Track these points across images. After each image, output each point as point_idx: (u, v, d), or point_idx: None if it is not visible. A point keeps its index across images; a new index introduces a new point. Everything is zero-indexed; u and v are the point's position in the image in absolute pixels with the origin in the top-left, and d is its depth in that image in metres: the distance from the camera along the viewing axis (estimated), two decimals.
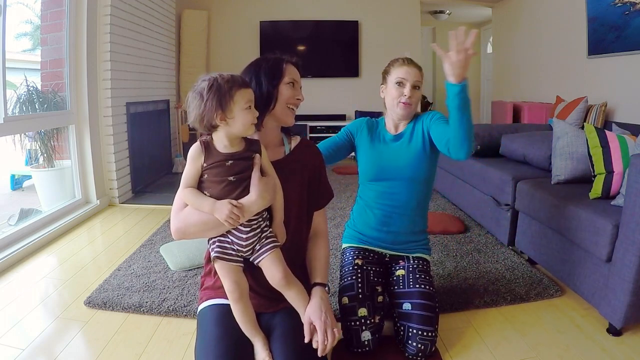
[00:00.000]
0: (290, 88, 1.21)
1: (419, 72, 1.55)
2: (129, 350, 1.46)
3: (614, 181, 1.72)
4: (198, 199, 1.07)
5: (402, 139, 1.59)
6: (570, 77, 4.03)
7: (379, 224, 1.58)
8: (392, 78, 1.55)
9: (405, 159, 1.55)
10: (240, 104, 1.03)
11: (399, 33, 5.54)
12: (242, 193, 1.08)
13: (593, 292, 1.60)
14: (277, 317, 1.21)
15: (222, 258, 1.09)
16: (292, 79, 1.21)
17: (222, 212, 1.04)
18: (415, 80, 1.53)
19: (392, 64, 1.58)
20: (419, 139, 1.56)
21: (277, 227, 1.15)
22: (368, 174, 1.60)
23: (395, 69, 1.55)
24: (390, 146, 1.59)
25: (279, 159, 1.24)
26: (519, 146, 2.47)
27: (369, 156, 1.60)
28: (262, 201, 1.08)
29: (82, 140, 3.03)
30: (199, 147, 1.08)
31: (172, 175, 4.25)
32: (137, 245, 2.40)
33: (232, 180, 1.07)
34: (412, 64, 1.56)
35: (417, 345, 1.34)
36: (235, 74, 1.07)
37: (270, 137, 1.25)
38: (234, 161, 1.07)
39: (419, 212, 1.60)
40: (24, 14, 3.03)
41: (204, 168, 1.07)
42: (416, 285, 1.45)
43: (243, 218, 1.06)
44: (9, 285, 1.93)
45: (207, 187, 1.08)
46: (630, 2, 3.12)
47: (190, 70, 4.91)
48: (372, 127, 1.65)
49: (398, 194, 1.55)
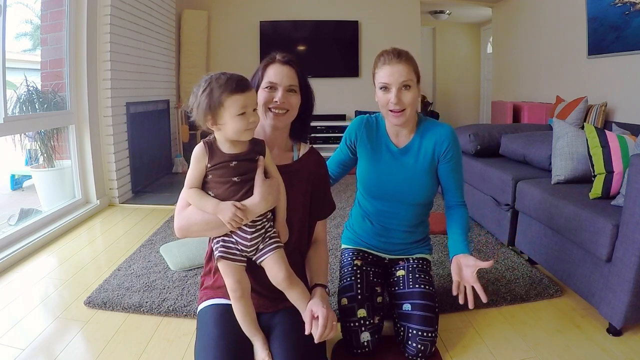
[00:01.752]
0: (267, 92, 1.18)
1: (407, 69, 1.31)
2: (129, 350, 1.46)
3: (614, 181, 1.72)
4: (202, 199, 1.06)
5: (407, 157, 1.45)
6: (570, 77, 4.02)
7: (377, 235, 1.56)
8: (377, 82, 1.36)
9: (409, 183, 1.44)
10: (230, 111, 1.01)
11: (399, 33, 5.54)
12: (247, 194, 1.07)
13: (593, 292, 1.60)
14: (277, 317, 1.22)
15: (226, 258, 1.09)
16: (268, 82, 1.19)
17: (225, 213, 1.04)
18: (403, 80, 1.30)
19: (376, 65, 1.36)
20: (426, 163, 1.43)
21: (280, 226, 1.15)
22: (367, 190, 1.52)
23: (379, 71, 1.34)
24: (394, 163, 1.46)
25: (286, 164, 1.24)
26: (519, 146, 2.47)
27: (369, 168, 1.48)
28: (266, 204, 1.08)
29: (82, 140, 3.03)
30: (203, 148, 1.07)
31: (172, 175, 4.25)
32: (137, 245, 2.40)
33: (237, 180, 1.07)
34: (397, 59, 1.31)
35: (417, 346, 1.33)
36: (236, 75, 1.04)
37: (278, 141, 1.25)
38: (238, 162, 1.07)
39: (420, 225, 1.57)
40: (24, 14, 3.03)
41: (208, 169, 1.07)
42: (416, 286, 1.45)
43: (246, 220, 1.06)
44: (9, 285, 1.93)
45: (211, 187, 1.08)
46: (630, 2, 3.12)
47: (190, 70, 4.90)
48: (372, 129, 1.49)
49: (397, 214, 1.50)
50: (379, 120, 1.51)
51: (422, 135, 1.45)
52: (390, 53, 1.34)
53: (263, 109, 1.18)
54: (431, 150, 1.44)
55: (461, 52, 7.58)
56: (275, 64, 1.20)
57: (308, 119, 1.30)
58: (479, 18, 6.98)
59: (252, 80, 1.20)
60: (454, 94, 7.62)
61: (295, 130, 1.28)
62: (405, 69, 1.31)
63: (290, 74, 1.20)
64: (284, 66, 1.20)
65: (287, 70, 1.20)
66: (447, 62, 7.55)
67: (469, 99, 7.62)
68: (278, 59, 1.21)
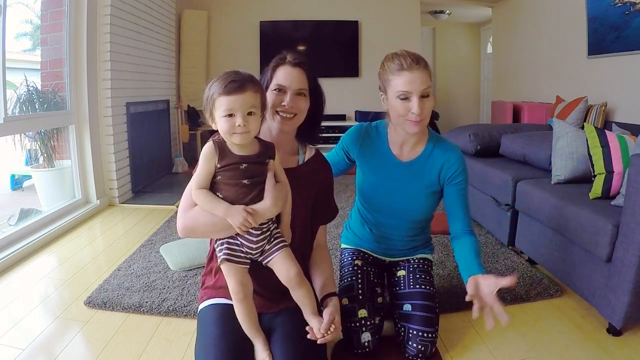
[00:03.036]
0: (274, 95, 1.16)
1: (425, 75, 1.21)
2: (129, 350, 1.46)
3: (614, 181, 1.72)
4: (212, 202, 1.04)
5: (410, 173, 1.38)
6: (570, 77, 4.02)
7: (376, 241, 1.55)
8: (392, 90, 1.24)
9: (409, 201, 1.39)
10: (219, 111, 1.01)
11: (399, 33, 5.54)
12: (256, 197, 1.06)
13: (593, 292, 1.60)
14: (278, 318, 1.22)
15: (231, 260, 1.08)
16: (277, 84, 1.17)
17: (236, 218, 1.02)
18: (424, 88, 1.20)
19: (389, 70, 1.25)
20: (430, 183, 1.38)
21: (284, 230, 1.15)
22: (366, 201, 1.49)
23: (395, 77, 1.23)
24: (394, 177, 1.39)
25: (292, 167, 1.23)
26: (519, 146, 2.47)
27: (368, 180, 1.44)
28: (276, 209, 1.07)
29: (82, 140, 3.03)
30: (213, 148, 1.04)
31: (172, 175, 4.25)
32: (137, 245, 2.40)
33: (246, 183, 1.05)
34: (417, 65, 1.21)
35: (418, 347, 1.33)
36: (235, 76, 1.02)
37: (284, 143, 1.23)
38: (248, 165, 1.05)
39: (421, 233, 1.55)
40: (24, 14, 3.03)
41: (217, 169, 1.05)
42: (417, 286, 1.45)
43: (255, 224, 1.05)
44: (9, 285, 1.93)
45: (220, 188, 1.06)
46: (630, 2, 3.12)
47: (190, 70, 4.90)
48: (372, 139, 1.42)
49: (397, 226, 1.48)
50: (380, 129, 1.44)
51: (430, 153, 1.37)
52: (408, 57, 1.22)
53: (271, 112, 1.16)
54: (437, 172, 1.37)
55: (461, 52, 7.57)
56: (286, 66, 1.18)
57: (317, 122, 1.27)
58: (479, 18, 6.98)
59: (261, 80, 1.17)
60: (454, 94, 7.62)
61: (303, 133, 1.26)
62: (425, 76, 1.21)
63: (300, 77, 1.18)
64: (294, 68, 1.18)
65: (296, 73, 1.18)
66: (447, 62, 7.54)
67: (469, 99, 7.61)
68: (289, 60, 1.19)
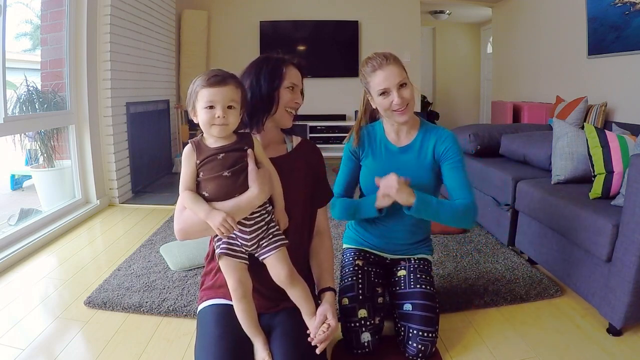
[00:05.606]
0: (289, 92, 1.21)
1: (397, 68, 1.34)
2: (129, 350, 1.46)
3: (614, 181, 1.72)
4: (195, 204, 1.06)
5: (408, 155, 1.46)
6: (570, 77, 4.03)
7: (378, 235, 1.56)
8: (373, 90, 1.37)
9: (412, 182, 1.38)
10: (200, 103, 1.05)
11: (399, 33, 5.54)
12: (242, 188, 1.08)
13: (593, 292, 1.60)
14: (278, 317, 1.22)
15: (228, 254, 1.09)
16: (291, 82, 1.21)
17: (215, 220, 1.04)
18: (399, 80, 1.33)
19: (365, 73, 1.38)
20: (427, 161, 1.44)
21: (279, 214, 1.16)
22: (369, 190, 1.51)
23: (372, 78, 1.35)
24: (394, 162, 1.46)
25: (282, 155, 1.25)
26: (519, 146, 2.47)
27: (370, 169, 1.49)
28: (263, 194, 1.09)
29: (82, 140, 3.03)
30: (190, 147, 1.10)
31: (172, 175, 4.24)
32: (137, 245, 2.40)
33: (228, 175, 1.07)
34: (387, 62, 1.34)
35: (418, 346, 1.33)
36: (219, 72, 1.06)
37: (270, 136, 1.26)
38: (225, 154, 1.08)
39: (422, 224, 1.56)
40: (24, 14, 3.04)
41: (197, 165, 1.08)
42: (417, 286, 1.45)
43: (235, 227, 1.06)
44: (9, 285, 1.93)
45: (204, 186, 1.08)
46: (630, 2, 3.12)
47: (190, 70, 4.90)
48: (371, 135, 1.51)
49: (399, 215, 1.48)
50: (376, 126, 1.54)
51: (423, 135, 1.47)
52: (378, 57, 1.36)
53: (282, 109, 1.21)
54: (432, 149, 1.45)
55: (461, 52, 7.58)
56: (291, 66, 1.24)
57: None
58: (479, 18, 6.98)
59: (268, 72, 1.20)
60: (454, 94, 7.62)
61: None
62: (397, 69, 1.34)
63: (300, 76, 1.27)
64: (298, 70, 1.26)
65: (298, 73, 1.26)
66: (447, 62, 7.55)
67: (469, 99, 7.62)
68: (292, 62, 1.25)
